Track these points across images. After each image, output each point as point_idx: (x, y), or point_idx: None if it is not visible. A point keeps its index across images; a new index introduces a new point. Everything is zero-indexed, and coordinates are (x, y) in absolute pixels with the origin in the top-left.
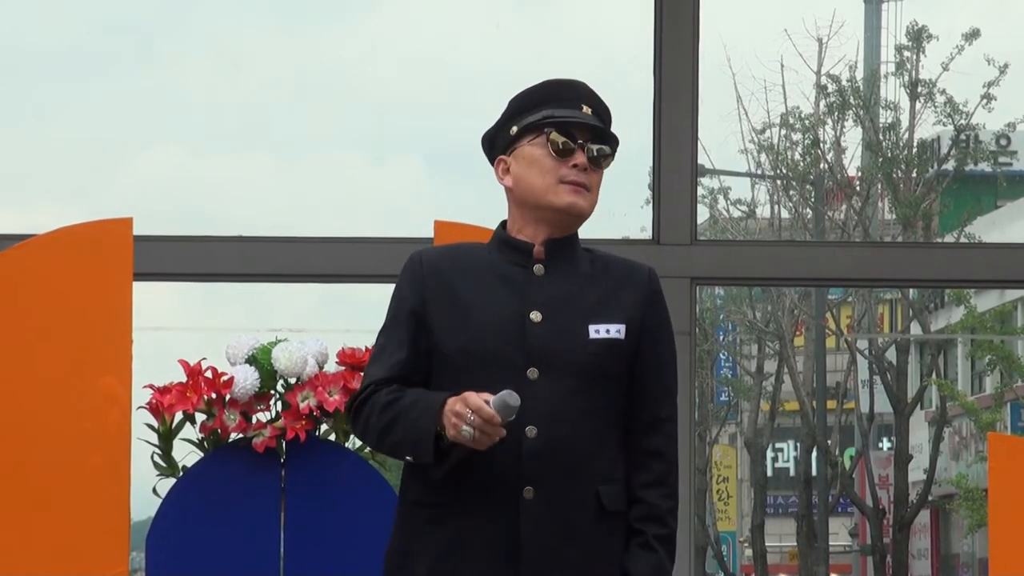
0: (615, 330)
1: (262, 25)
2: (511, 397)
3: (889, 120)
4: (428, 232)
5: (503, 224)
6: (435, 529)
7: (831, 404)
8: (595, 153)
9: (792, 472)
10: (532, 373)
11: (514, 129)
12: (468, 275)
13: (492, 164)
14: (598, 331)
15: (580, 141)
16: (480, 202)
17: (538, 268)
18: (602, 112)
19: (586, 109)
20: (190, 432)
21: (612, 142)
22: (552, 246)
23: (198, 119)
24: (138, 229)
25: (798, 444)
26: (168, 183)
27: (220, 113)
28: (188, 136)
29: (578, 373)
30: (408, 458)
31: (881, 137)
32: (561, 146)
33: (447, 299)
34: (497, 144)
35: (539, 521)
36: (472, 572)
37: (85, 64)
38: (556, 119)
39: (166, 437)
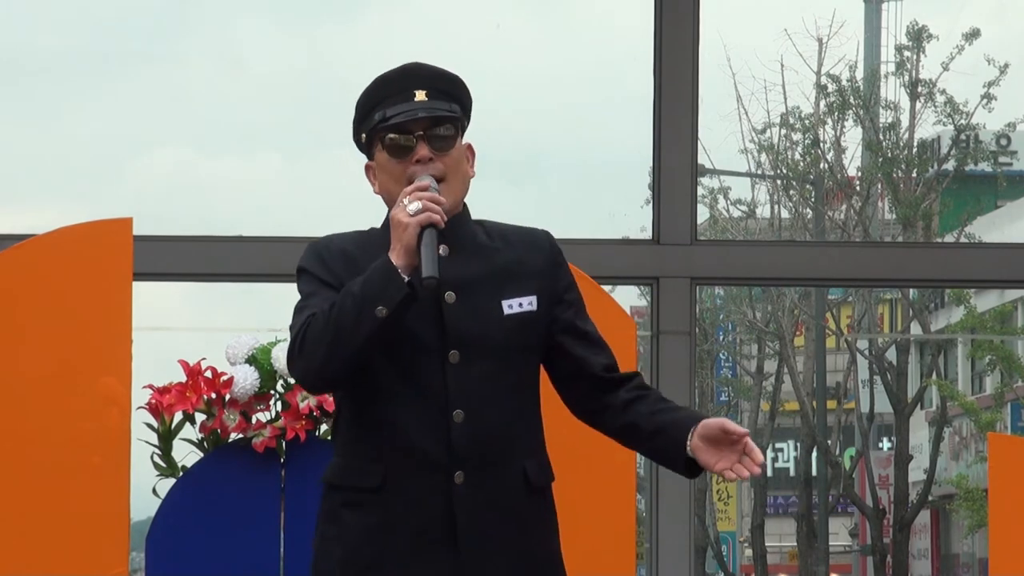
0: (527, 302)
1: (264, 25)
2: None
3: (889, 120)
4: None
5: None
6: (355, 514)
7: (831, 404)
8: (439, 137)
9: (792, 472)
10: (453, 356)
11: (362, 138)
12: (377, 259)
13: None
14: (511, 306)
15: (419, 132)
16: (481, 201)
17: (443, 249)
18: (443, 86)
19: (419, 94)
20: (190, 432)
21: (454, 116)
22: (452, 224)
23: (202, 119)
24: (142, 229)
25: (798, 444)
26: (172, 183)
27: (224, 113)
28: (193, 136)
29: (498, 352)
30: (380, 308)
31: (881, 137)
32: (399, 147)
33: None
34: (362, 151)
35: (473, 504)
36: (400, 558)
37: (87, 64)
38: (387, 121)
39: (166, 437)
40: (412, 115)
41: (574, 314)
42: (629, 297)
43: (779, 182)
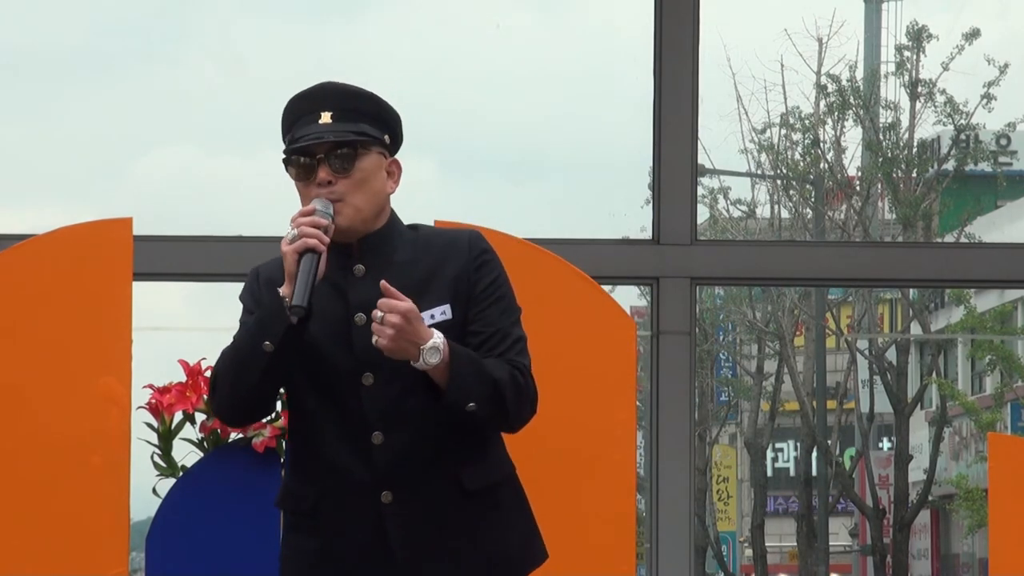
0: (440, 312)
1: (267, 25)
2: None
3: (889, 120)
4: None
5: None
6: (297, 536)
7: (831, 404)
8: (338, 157)
9: (792, 472)
10: (367, 379)
11: (282, 161)
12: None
13: None
14: (424, 319)
15: (320, 155)
16: (482, 201)
17: (358, 269)
18: (352, 105)
19: (325, 116)
20: (190, 432)
21: (354, 139)
22: (369, 243)
23: (205, 119)
24: (144, 229)
25: (798, 444)
26: (173, 184)
27: (227, 113)
28: (194, 136)
29: (411, 368)
30: (266, 343)
31: (881, 137)
32: (300, 171)
33: None
34: None
35: (403, 521)
36: None
37: (88, 64)
38: (294, 144)
39: (166, 437)
40: (312, 139)
41: (481, 311)
42: (629, 297)
43: (779, 182)
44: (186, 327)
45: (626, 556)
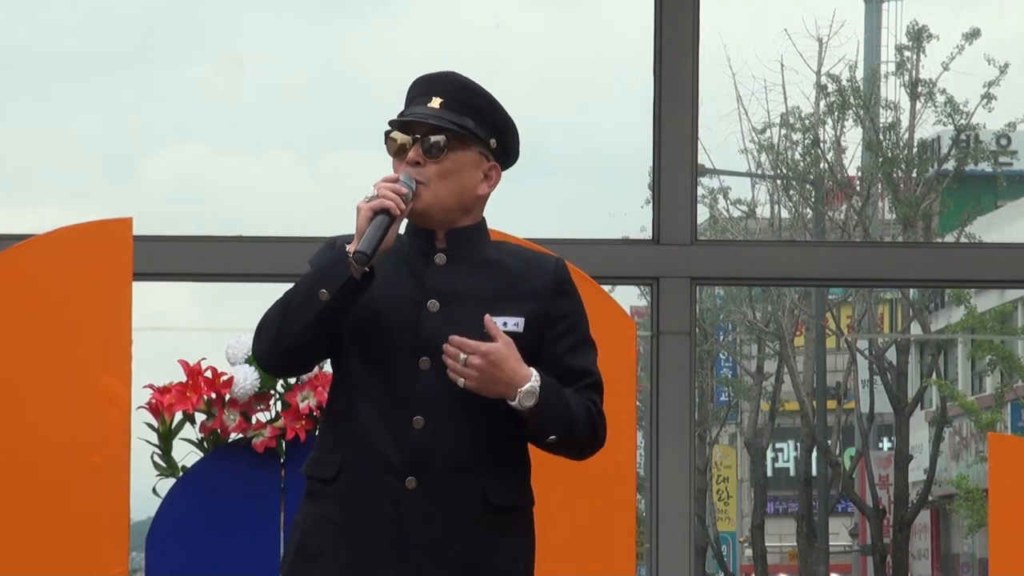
0: (513, 323)
1: (270, 26)
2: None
3: (889, 120)
4: None
5: None
6: (312, 503)
7: (831, 404)
8: (431, 144)
9: (792, 472)
10: (424, 363)
11: (384, 132)
12: (378, 261)
13: None
14: (495, 323)
15: (417, 135)
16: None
17: (439, 257)
18: (463, 97)
19: (434, 101)
20: (190, 432)
21: (454, 129)
22: (455, 235)
23: (204, 120)
24: (145, 229)
25: (798, 444)
26: (174, 184)
27: (230, 113)
28: (195, 137)
29: None
30: (323, 291)
31: (881, 137)
32: (395, 144)
33: None
34: None
35: (422, 511)
36: (343, 552)
37: (89, 64)
38: (396, 119)
39: (166, 437)
40: (412, 117)
41: (566, 348)
42: (629, 297)
43: (779, 182)
44: (186, 327)
45: (626, 556)
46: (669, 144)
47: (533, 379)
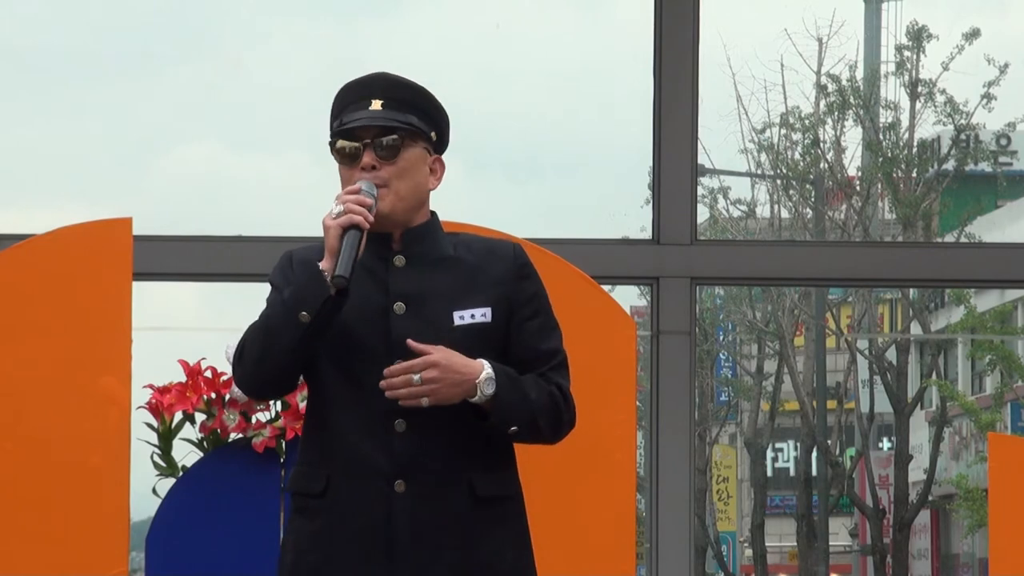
0: (480, 314)
1: (271, 26)
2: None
3: (889, 120)
4: None
5: None
6: (304, 520)
7: (831, 404)
8: (384, 146)
9: (792, 472)
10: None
11: (328, 144)
12: None
13: None
14: (463, 317)
15: (367, 140)
16: (482, 201)
17: (399, 259)
18: (402, 95)
19: (375, 103)
20: (190, 432)
21: (402, 127)
22: (411, 235)
23: (205, 120)
24: (146, 229)
25: (798, 444)
26: (175, 183)
27: (234, 114)
28: (196, 136)
29: None
30: (303, 313)
31: (881, 137)
32: (346, 154)
33: None
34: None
35: (412, 513)
36: (342, 565)
37: (90, 64)
38: (339, 128)
39: (166, 437)
40: (360, 123)
41: (533, 330)
42: (629, 297)
43: (779, 182)
44: (186, 327)
45: (626, 556)
46: (669, 144)
47: (486, 367)
